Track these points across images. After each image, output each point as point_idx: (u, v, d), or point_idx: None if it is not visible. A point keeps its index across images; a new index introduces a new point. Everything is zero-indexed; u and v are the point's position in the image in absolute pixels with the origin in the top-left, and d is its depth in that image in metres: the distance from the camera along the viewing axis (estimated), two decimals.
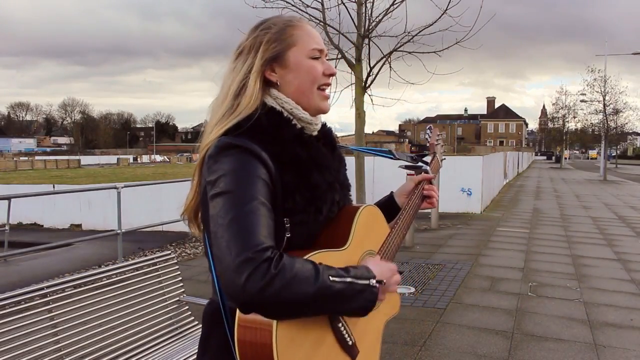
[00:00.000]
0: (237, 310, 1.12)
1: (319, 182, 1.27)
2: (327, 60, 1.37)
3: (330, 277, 1.09)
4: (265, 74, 1.28)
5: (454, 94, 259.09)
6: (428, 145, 1.81)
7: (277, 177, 1.18)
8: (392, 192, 1.65)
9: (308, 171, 1.25)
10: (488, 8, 6.35)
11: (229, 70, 1.30)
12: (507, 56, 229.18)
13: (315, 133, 1.35)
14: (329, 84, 1.34)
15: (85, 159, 66.21)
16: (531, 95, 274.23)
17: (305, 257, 1.12)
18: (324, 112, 1.35)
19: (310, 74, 1.29)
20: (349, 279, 1.12)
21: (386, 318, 1.46)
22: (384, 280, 1.22)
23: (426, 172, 1.67)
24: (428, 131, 1.83)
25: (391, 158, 1.68)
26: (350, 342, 1.25)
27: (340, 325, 1.22)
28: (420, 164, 1.71)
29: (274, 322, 1.08)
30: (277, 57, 1.27)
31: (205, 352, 1.33)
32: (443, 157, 1.86)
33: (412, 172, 1.70)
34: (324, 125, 1.40)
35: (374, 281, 1.18)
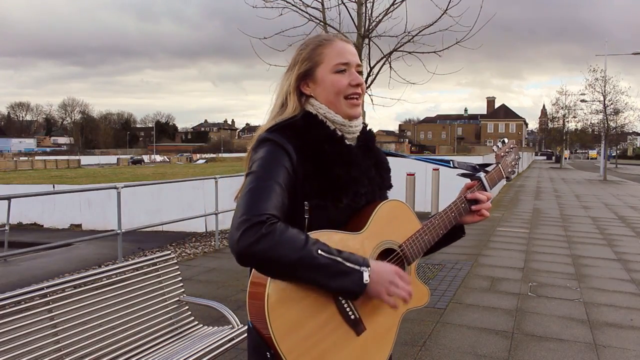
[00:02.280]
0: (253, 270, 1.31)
1: (340, 174, 1.44)
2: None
3: (319, 249, 1.24)
4: (301, 87, 1.52)
5: (452, 94, 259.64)
6: (495, 156, 1.83)
7: (298, 165, 1.38)
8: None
9: (331, 164, 1.43)
10: (486, 9, 6.36)
11: (279, 84, 1.55)
12: (503, 57, 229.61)
13: (353, 135, 1.53)
14: (357, 93, 1.51)
15: (85, 159, 66.23)
16: (529, 95, 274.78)
17: (308, 234, 1.27)
18: (354, 117, 1.53)
19: (335, 87, 1.49)
20: (338, 258, 1.25)
21: (408, 306, 1.50)
22: (375, 275, 1.29)
23: (479, 179, 1.69)
24: (499, 143, 1.86)
25: (450, 167, 1.77)
26: (353, 317, 1.34)
27: (341, 297, 1.32)
28: (480, 173, 1.71)
29: (268, 279, 1.24)
30: (308, 74, 1.50)
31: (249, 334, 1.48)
32: (512, 170, 1.84)
33: (469, 180, 1.71)
34: (368, 130, 1.60)
35: (365, 269, 1.28)
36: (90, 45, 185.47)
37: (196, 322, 3.53)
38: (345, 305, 1.33)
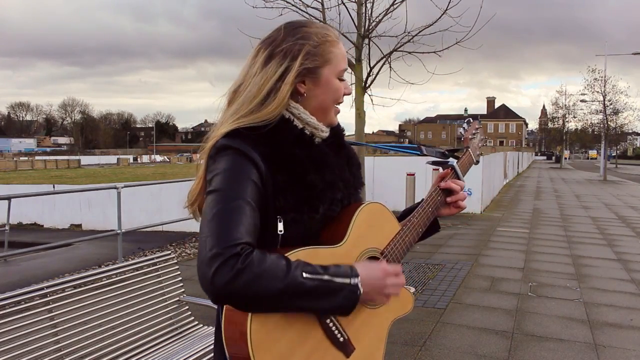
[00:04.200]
0: (224, 307, 1.17)
1: (315, 182, 1.28)
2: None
3: (303, 273, 1.10)
4: (296, 84, 1.30)
5: (451, 94, 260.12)
6: (462, 139, 1.71)
7: (267, 176, 1.21)
8: (422, 199, 1.56)
9: (304, 171, 1.27)
10: (485, 9, 6.36)
11: (257, 69, 1.29)
12: (500, 57, 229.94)
13: (320, 138, 1.36)
14: (342, 102, 1.39)
15: (85, 159, 66.17)
16: (527, 95, 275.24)
17: (288, 254, 1.14)
18: (334, 125, 1.39)
19: (336, 94, 1.34)
20: (326, 277, 1.13)
21: (393, 317, 1.43)
22: (366, 282, 1.19)
23: (452, 167, 1.56)
24: (465, 125, 1.72)
25: (418, 154, 1.61)
26: (341, 339, 1.25)
27: (328, 321, 1.22)
28: (450, 159, 1.58)
29: (249, 316, 1.11)
30: (312, 71, 1.30)
31: (216, 342, 1.38)
32: (480, 152, 1.72)
33: (438, 168, 1.60)
34: (337, 125, 1.42)
35: (356, 280, 1.17)
36: (88, 46, 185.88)
37: (196, 322, 3.53)
38: (333, 328, 1.23)
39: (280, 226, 1.22)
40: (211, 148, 1.24)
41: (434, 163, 1.61)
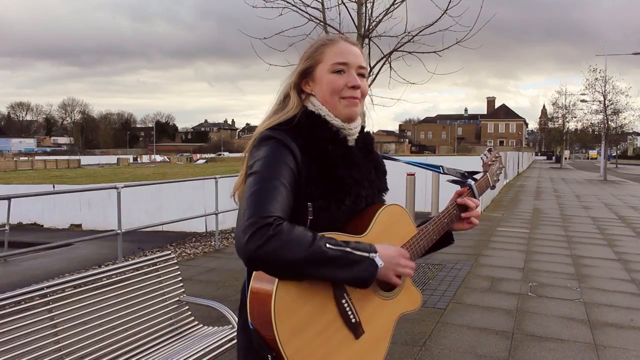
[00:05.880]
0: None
1: (344, 176, 1.43)
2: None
3: (327, 244, 1.24)
4: (301, 85, 1.52)
5: (449, 94, 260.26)
6: (482, 164, 1.88)
7: (303, 165, 1.37)
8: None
9: (334, 165, 1.43)
10: (484, 9, 6.35)
11: (283, 82, 1.55)
12: (498, 57, 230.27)
13: (353, 137, 1.52)
14: (354, 96, 1.49)
15: (85, 159, 66.18)
16: (526, 95, 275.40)
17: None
18: (351, 118, 1.51)
19: (330, 86, 1.48)
20: (347, 249, 1.26)
21: (401, 311, 1.52)
22: (382, 258, 1.32)
23: (470, 187, 1.72)
24: (487, 152, 1.92)
25: (439, 172, 1.78)
26: (353, 320, 1.35)
27: (344, 301, 1.32)
28: (469, 180, 1.74)
29: (276, 282, 1.23)
30: (308, 71, 1.50)
31: (240, 317, 1.51)
32: (497, 178, 1.90)
33: (459, 186, 1.75)
34: (367, 133, 1.59)
35: (375, 255, 1.30)
36: (86, 46, 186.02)
37: (196, 322, 3.53)
38: (347, 308, 1.33)
39: (310, 212, 1.36)
40: (255, 138, 1.42)
41: (454, 182, 1.77)
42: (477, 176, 1.79)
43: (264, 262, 1.20)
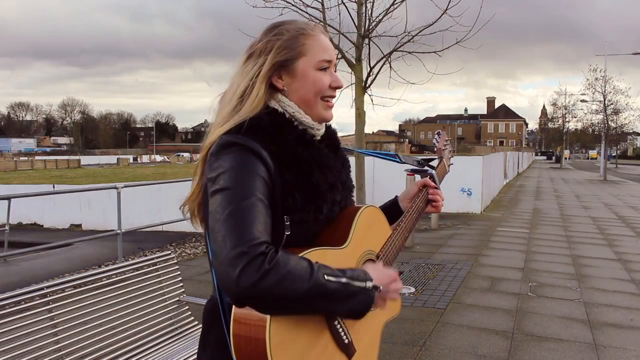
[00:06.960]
0: (233, 306, 1.13)
1: (320, 182, 1.28)
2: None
3: (325, 275, 1.09)
4: (272, 79, 1.29)
5: (449, 94, 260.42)
6: (435, 150, 1.81)
7: (276, 175, 1.20)
8: (396, 196, 1.66)
9: (309, 170, 1.27)
10: (483, 9, 6.36)
11: (238, 71, 1.32)
12: (496, 57, 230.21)
13: (318, 136, 1.37)
14: (334, 96, 1.36)
15: (85, 159, 66.12)
16: (525, 95, 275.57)
17: (301, 255, 1.13)
18: (327, 121, 1.37)
19: (316, 85, 1.31)
20: (344, 280, 1.12)
21: (386, 319, 1.47)
22: (381, 287, 1.21)
23: (432, 176, 1.66)
24: (436, 136, 1.84)
25: (397, 162, 1.70)
26: (346, 341, 1.26)
27: (336, 323, 1.23)
28: (426, 168, 1.71)
29: (268, 318, 1.09)
30: (285, 64, 1.29)
31: (205, 348, 1.35)
32: (451, 162, 1.85)
33: (413, 174, 1.73)
34: (329, 126, 1.42)
35: (370, 284, 1.18)
36: (85, 46, 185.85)
37: (196, 322, 3.53)
38: (340, 330, 1.24)
39: (287, 227, 1.21)
40: (211, 145, 1.22)
41: (412, 172, 1.74)
42: (433, 163, 1.74)
43: (260, 299, 1.04)
